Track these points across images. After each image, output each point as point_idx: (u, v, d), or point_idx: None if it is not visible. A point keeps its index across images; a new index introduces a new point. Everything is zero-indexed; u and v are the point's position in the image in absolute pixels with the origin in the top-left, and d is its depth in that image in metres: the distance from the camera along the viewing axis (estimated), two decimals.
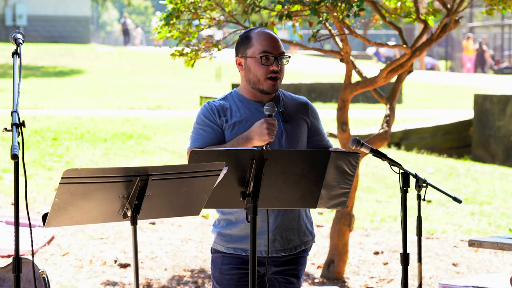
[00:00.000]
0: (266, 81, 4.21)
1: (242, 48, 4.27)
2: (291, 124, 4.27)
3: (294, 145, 4.23)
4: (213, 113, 4.23)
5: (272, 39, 4.23)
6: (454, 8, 7.00)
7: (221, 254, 4.30)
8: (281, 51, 4.23)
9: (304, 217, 4.34)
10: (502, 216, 10.04)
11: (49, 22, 40.63)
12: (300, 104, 4.35)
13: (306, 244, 4.35)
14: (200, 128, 4.23)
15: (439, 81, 27.76)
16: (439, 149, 15.19)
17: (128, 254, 7.88)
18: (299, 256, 4.35)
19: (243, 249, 4.25)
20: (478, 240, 5.56)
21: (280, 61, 4.21)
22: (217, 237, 4.31)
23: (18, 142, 3.31)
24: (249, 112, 4.24)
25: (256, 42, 4.22)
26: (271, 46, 4.21)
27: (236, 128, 4.20)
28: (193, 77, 24.79)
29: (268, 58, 4.19)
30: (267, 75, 4.20)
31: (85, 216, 3.51)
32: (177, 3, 6.68)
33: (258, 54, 4.20)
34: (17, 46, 3.59)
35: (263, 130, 4.06)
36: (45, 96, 19.18)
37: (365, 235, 9.02)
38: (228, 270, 4.27)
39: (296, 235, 4.29)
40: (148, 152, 12.09)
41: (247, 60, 4.24)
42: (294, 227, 4.28)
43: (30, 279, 5.22)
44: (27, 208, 3.54)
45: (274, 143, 4.18)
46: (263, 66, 4.20)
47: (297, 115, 4.30)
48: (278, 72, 4.20)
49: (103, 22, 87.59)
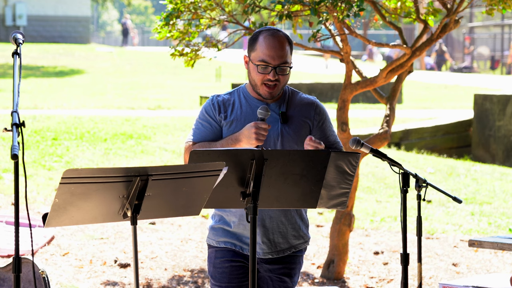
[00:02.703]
0: (262, 87, 4.22)
1: (249, 48, 4.28)
2: (289, 126, 4.26)
3: (289, 147, 4.23)
4: (214, 109, 4.28)
5: (275, 47, 4.18)
6: (454, 8, 6.99)
7: (214, 249, 4.35)
8: (281, 62, 4.18)
9: (299, 220, 4.34)
10: (502, 216, 10.04)
11: (49, 22, 40.61)
12: (306, 105, 4.33)
13: (296, 248, 4.35)
14: (200, 122, 4.31)
15: (439, 81, 27.76)
16: (439, 149, 15.19)
17: (128, 254, 7.88)
18: (292, 255, 4.35)
19: (233, 243, 4.29)
20: (478, 240, 5.56)
21: (280, 71, 4.19)
22: (210, 231, 4.37)
23: (18, 142, 3.31)
24: (250, 110, 4.26)
25: (259, 48, 4.20)
26: (271, 56, 4.17)
27: (233, 126, 4.23)
28: (193, 77, 24.79)
29: (266, 67, 4.19)
30: (263, 82, 4.21)
31: (85, 216, 3.51)
32: (177, 3, 6.68)
33: (256, 62, 4.20)
34: (17, 46, 3.59)
35: (251, 134, 4.08)
36: (45, 96, 19.18)
37: (365, 235, 9.02)
38: (221, 264, 4.31)
39: (284, 239, 4.30)
40: (148, 152, 12.09)
41: (250, 62, 4.26)
42: (282, 230, 4.29)
43: (30, 279, 5.22)
44: (27, 208, 3.54)
45: (269, 144, 4.19)
46: (259, 73, 4.20)
47: (299, 117, 4.29)
48: (275, 81, 4.19)
49: (103, 22, 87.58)
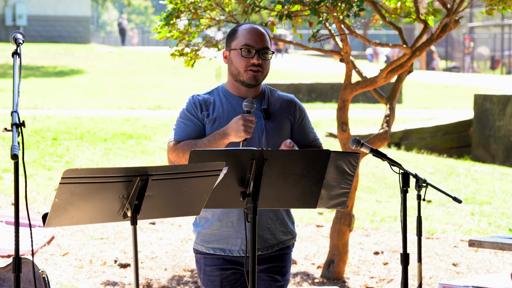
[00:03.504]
0: (246, 73, 4.24)
1: (228, 42, 4.33)
2: (272, 122, 4.29)
3: (274, 143, 4.25)
4: (196, 107, 4.31)
5: (256, 33, 4.25)
6: (454, 8, 6.99)
7: (203, 255, 4.32)
8: (264, 46, 4.24)
9: (285, 216, 4.35)
10: (502, 216, 10.04)
11: (49, 22, 40.62)
12: (286, 102, 4.37)
13: (284, 243, 4.36)
14: (181, 122, 4.32)
15: (439, 81, 27.76)
16: (439, 149, 15.19)
17: (128, 254, 7.88)
18: (281, 253, 4.36)
19: (222, 248, 4.27)
20: (478, 240, 5.56)
21: (263, 55, 4.23)
22: (197, 237, 4.34)
23: (18, 142, 3.31)
24: (231, 108, 4.27)
25: (240, 35, 4.26)
26: (254, 40, 4.23)
27: (217, 123, 4.25)
28: (193, 77, 24.79)
29: (250, 51, 4.22)
30: (247, 67, 4.23)
31: (85, 216, 3.51)
32: (177, 3, 6.68)
33: (240, 46, 4.24)
34: (17, 46, 3.59)
35: (239, 126, 4.09)
36: (45, 96, 19.18)
37: (365, 235, 9.02)
38: (211, 272, 4.29)
39: (272, 235, 4.30)
40: (148, 152, 12.09)
41: (231, 52, 4.29)
42: (270, 226, 4.29)
43: (30, 279, 5.22)
44: (27, 208, 3.53)
45: (253, 140, 4.21)
46: (243, 58, 4.23)
47: (280, 113, 4.32)
48: (259, 66, 4.22)
49: (103, 22, 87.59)
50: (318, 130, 14.64)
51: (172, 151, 4.24)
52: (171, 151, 4.25)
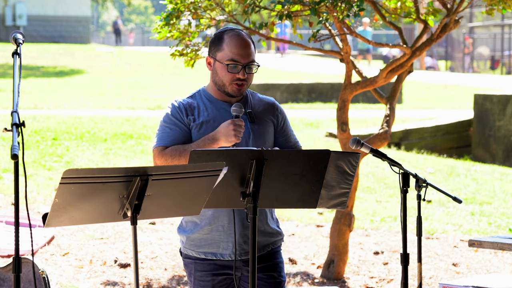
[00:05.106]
0: (231, 85, 4.21)
1: (213, 49, 4.27)
2: (258, 125, 4.27)
3: (261, 146, 4.22)
4: (181, 112, 4.23)
5: (242, 46, 4.19)
6: (454, 8, 7.00)
7: (193, 260, 4.28)
8: (249, 60, 4.19)
9: (270, 218, 4.35)
10: (502, 216, 10.04)
11: (49, 22, 40.62)
12: (267, 105, 4.36)
13: (274, 244, 4.36)
14: (166, 127, 4.22)
15: (439, 81, 27.75)
16: (439, 149, 15.18)
17: (128, 254, 7.88)
18: (272, 252, 4.35)
19: (213, 253, 4.24)
20: (478, 240, 5.56)
21: (248, 69, 4.20)
22: (186, 241, 4.29)
23: (18, 142, 3.31)
24: (216, 112, 4.24)
25: (227, 47, 4.20)
26: (240, 55, 4.18)
27: (203, 128, 4.20)
28: (193, 77, 24.78)
29: (236, 66, 4.18)
30: (232, 81, 4.20)
31: (85, 216, 3.51)
32: (177, 3, 6.68)
33: (225, 61, 4.19)
34: (17, 46, 3.59)
35: (229, 131, 4.06)
36: (45, 96, 19.18)
37: (365, 235, 9.02)
38: (202, 277, 4.27)
39: (262, 236, 4.29)
40: (148, 152, 12.09)
41: (215, 62, 4.25)
42: (260, 228, 4.28)
43: (30, 279, 5.22)
44: (27, 208, 3.54)
45: (241, 144, 4.18)
46: (229, 73, 4.20)
47: (263, 116, 4.31)
48: (244, 80, 4.20)
49: (103, 22, 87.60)
50: (318, 130, 14.65)
51: (160, 156, 4.15)
52: (159, 157, 4.16)
